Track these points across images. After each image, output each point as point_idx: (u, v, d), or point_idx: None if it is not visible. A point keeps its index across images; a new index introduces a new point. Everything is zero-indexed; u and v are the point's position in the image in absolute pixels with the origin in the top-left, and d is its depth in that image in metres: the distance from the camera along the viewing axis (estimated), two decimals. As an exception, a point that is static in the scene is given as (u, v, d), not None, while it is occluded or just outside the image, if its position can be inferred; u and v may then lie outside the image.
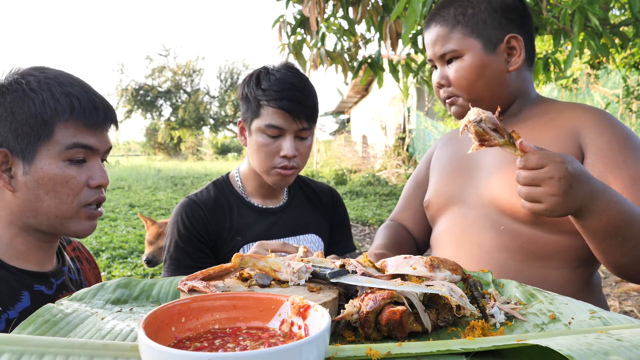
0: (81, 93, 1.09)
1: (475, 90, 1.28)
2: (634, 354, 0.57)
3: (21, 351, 0.60)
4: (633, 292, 4.09)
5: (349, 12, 3.13)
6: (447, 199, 1.37)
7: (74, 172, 1.08)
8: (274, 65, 1.54)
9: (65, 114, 1.05)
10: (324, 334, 0.54)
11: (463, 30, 1.28)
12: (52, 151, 1.06)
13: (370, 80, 14.91)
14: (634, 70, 5.24)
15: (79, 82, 1.13)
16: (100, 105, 1.11)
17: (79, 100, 1.07)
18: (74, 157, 1.07)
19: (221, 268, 0.84)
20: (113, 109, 1.16)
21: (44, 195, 1.07)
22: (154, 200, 10.10)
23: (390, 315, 0.69)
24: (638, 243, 1.03)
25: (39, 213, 1.08)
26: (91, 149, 1.10)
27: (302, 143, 1.51)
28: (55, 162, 1.06)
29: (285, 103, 1.43)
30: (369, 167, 14.69)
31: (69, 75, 1.13)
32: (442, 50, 1.30)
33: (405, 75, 3.31)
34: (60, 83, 1.08)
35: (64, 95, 1.06)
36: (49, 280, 1.13)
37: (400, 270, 0.84)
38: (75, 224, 1.11)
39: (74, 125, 1.07)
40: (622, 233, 1.02)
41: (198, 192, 1.59)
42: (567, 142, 1.22)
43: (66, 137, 1.06)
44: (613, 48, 2.74)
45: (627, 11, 3.20)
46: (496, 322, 0.76)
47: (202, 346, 0.59)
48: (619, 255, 1.05)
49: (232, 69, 35.72)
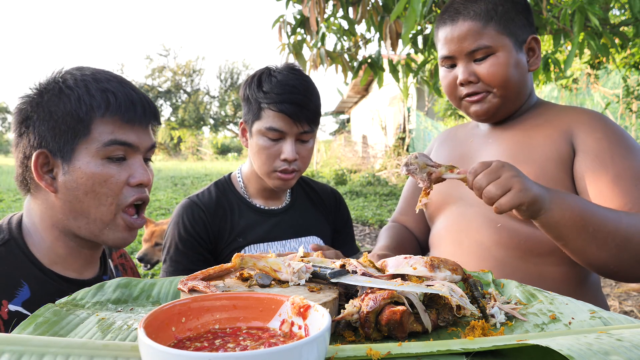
0: (118, 88, 1.06)
1: (507, 88, 1.27)
2: (634, 354, 0.57)
3: (21, 351, 0.60)
4: (633, 292, 4.09)
5: (349, 12, 3.13)
6: (446, 197, 1.38)
7: (114, 170, 1.04)
8: (277, 66, 1.53)
9: (101, 109, 1.02)
10: (324, 334, 0.54)
11: (496, 26, 1.26)
12: (90, 149, 1.03)
13: (370, 80, 14.91)
14: (634, 70, 5.24)
15: (118, 78, 1.10)
16: (138, 100, 1.07)
17: (115, 96, 1.04)
18: (113, 154, 1.04)
19: (221, 268, 0.84)
20: (154, 105, 1.13)
21: (83, 196, 1.03)
22: (154, 200, 10.10)
23: (390, 315, 0.69)
24: (609, 234, 1.03)
25: (79, 215, 1.05)
26: (130, 146, 1.06)
27: (304, 146, 1.50)
28: (94, 161, 1.03)
29: (286, 106, 1.42)
30: (369, 167, 14.69)
31: (107, 72, 1.10)
32: (474, 46, 1.26)
33: (405, 75, 3.31)
34: (97, 79, 1.06)
35: (99, 91, 1.04)
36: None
37: (400, 270, 0.84)
38: (112, 232, 1.08)
39: (112, 122, 1.04)
40: (588, 225, 1.02)
41: (199, 193, 1.58)
42: (560, 142, 1.23)
43: (104, 134, 1.03)
44: (613, 48, 2.74)
45: (627, 11, 3.20)
46: (496, 322, 0.76)
47: (202, 346, 0.59)
48: (595, 251, 1.04)
49: (232, 69, 35.74)
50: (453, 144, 1.50)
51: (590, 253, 1.05)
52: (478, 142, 1.41)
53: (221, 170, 18.38)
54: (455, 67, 1.32)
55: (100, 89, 1.04)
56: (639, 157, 1.17)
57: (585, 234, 1.03)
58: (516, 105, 1.33)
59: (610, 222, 1.04)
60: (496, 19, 1.26)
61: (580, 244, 1.04)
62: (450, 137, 1.54)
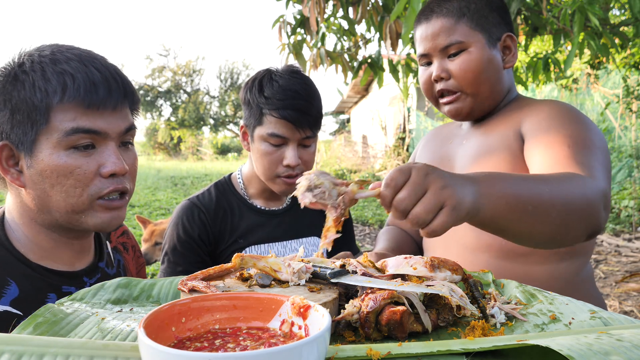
0: (78, 69, 0.94)
1: (479, 84, 1.28)
2: (634, 354, 0.57)
3: (21, 351, 0.60)
4: (633, 292, 4.09)
5: (349, 12, 3.13)
6: None
7: (80, 160, 0.95)
8: (278, 69, 1.51)
9: (57, 95, 0.92)
10: (324, 334, 0.54)
11: (469, 23, 1.27)
12: (51, 140, 0.93)
13: (370, 80, 14.90)
14: (634, 70, 5.23)
15: (81, 56, 0.98)
16: (102, 80, 0.96)
17: (73, 78, 0.93)
18: (78, 143, 0.95)
19: (221, 268, 0.84)
20: (126, 82, 1.01)
21: (49, 189, 0.96)
22: (154, 200, 10.10)
23: (390, 315, 0.69)
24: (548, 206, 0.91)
25: (50, 209, 0.98)
26: (98, 133, 0.96)
27: (306, 151, 1.49)
28: (56, 152, 0.94)
29: (289, 113, 1.41)
30: (369, 167, 14.68)
31: (70, 50, 0.99)
32: (446, 42, 1.27)
33: (405, 75, 3.31)
34: (55, 60, 0.95)
35: (55, 74, 0.93)
36: (81, 279, 1.05)
37: (400, 270, 0.84)
38: (91, 218, 0.99)
39: (72, 107, 0.94)
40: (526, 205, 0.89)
41: (199, 194, 1.58)
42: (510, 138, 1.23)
43: (64, 121, 0.93)
44: (613, 48, 2.74)
45: (627, 11, 3.20)
46: (496, 322, 0.76)
47: (202, 346, 0.59)
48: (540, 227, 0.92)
49: (232, 69, 35.72)
50: (435, 144, 1.50)
51: (536, 232, 0.94)
52: (456, 143, 1.41)
53: (221, 170, 18.38)
54: (431, 65, 1.33)
55: (56, 72, 0.93)
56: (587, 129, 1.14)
57: (526, 215, 0.90)
58: (491, 103, 1.32)
59: (545, 192, 0.92)
60: (469, 16, 1.27)
61: (524, 227, 0.91)
62: (434, 137, 1.55)
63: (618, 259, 5.04)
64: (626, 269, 4.70)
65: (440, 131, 1.56)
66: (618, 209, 6.41)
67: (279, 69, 1.52)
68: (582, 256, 1.27)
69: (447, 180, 0.79)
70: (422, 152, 1.54)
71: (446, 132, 1.51)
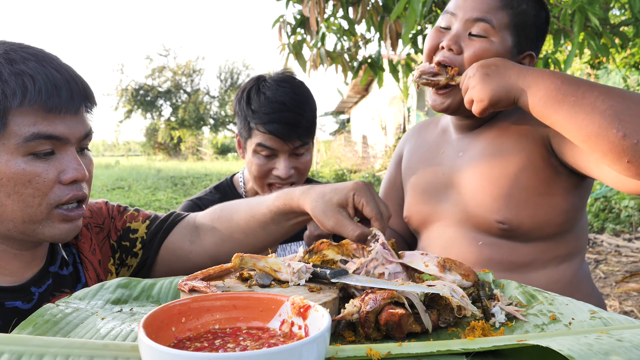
0: (37, 70, 0.88)
1: None
2: (635, 354, 0.57)
3: (21, 351, 0.60)
4: (633, 292, 4.09)
5: (349, 12, 3.13)
6: (425, 216, 1.36)
7: (40, 168, 0.89)
8: (270, 76, 1.48)
9: (17, 98, 0.86)
10: (325, 334, 0.54)
11: (509, 18, 1.20)
12: (9, 146, 0.87)
13: (370, 80, 14.90)
14: (634, 70, 5.23)
15: (37, 55, 0.91)
16: (64, 83, 0.90)
17: (34, 80, 0.87)
18: (38, 149, 0.89)
19: (221, 268, 0.84)
20: (84, 83, 0.96)
21: (5, 198, 0.89)
22: (154, 200, 10.10)
23: (389, 316, 0.69)
24: (596, 100, 0.94)
25: (4, 219, 0.91)
26: (59, 139, 0.90)
27: (299, 160, 1.47)
28: (14, 159, 0.88)
29: (275, 127, 1.39)
30: (369, 167, 14.68)
31: (25, 48, 0.92)
32: (479, 14, 1.18)
33: (405, 75, 3.31)
34: (11, 60, 0.88)
35: (13, 75, 0.87)
36: (28, 291, 0.97)
37: (413, 264, 0.86)
38: (48, 229, 0.93)
39: (32, 112, 0.87)
40: (570, 93, 0.96)
41: (201, 194, 1.58)
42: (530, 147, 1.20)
43: (23, 126, 0.87)
44: (613, 48, 2.74)
45: (627, 11, 3.20)
46: (495, 321, 0.76)
47: (202, 346, 0.59)
48: (587, 122, 0.95)
49: (232, 69, 35.74)
50: (421, 151, 1.44)
51: (583, 128, 0.96)
52: (449, 155, 1.35)
53: (221, 170, 18.38)
54: (448, 32, 1.22)
55: (14, 73, 0.87)
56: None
57: (565, 106, 0.97)
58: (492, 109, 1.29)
59: (597, 86, 0.97)
60: (514, 11, 1.20)
61: (566, 119, 0.98)
62: (417, 141, 1.48)
63: (618, 259, 5.04)
64: (626, 269, 4.70)
65: (419, 133, 1.49)
66: (618, 209, 6.41)
67: (270, 76, 1.49)
68: (578, 256, 1.27)
69: (483, 61, 1.12)
70: (410, 159, 1.47)
71: (431, 137, 1.44)
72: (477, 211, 1.23)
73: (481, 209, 1.22)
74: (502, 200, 1.20)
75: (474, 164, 1.27)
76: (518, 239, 1.22)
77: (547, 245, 1.22)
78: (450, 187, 1.31)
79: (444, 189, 1.32)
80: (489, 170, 1.23)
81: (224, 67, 35.94)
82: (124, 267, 1.16)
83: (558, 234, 1.23)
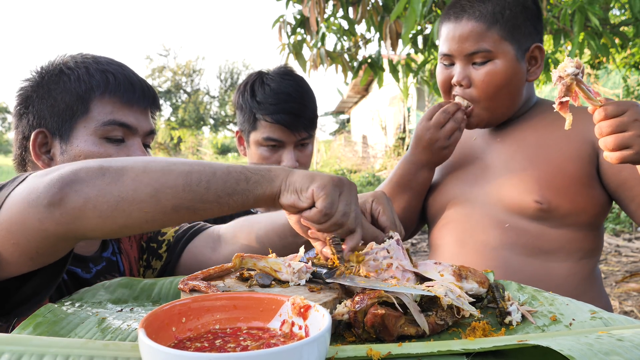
0: (117, 70, 1.07)
1: (498, 98, 1.25)
2: (635, 354, 0.57)
3: (21, 351, 0.60)
4: (633, 292, 4.09)
5: (349, 12, 3.13)
6: (452, 197, 1.36)
7: (111, 150, 1.03)
8: (270, 70, 1.49)
9: (100, 88, 1.03)
10: (325, 335, 0.54)
11: (500, 31, 1.22)
12: (89, 128, 1.02)
13: (370, 80, 14.90)
14: (634, 70, 5.24)
15: (118, 62, 1.11)
16: (138, 82, 1.08)
17: (115, 76, 1.05)
18: (111, 134, 1.03)
19: (222, 268, 0.84)
20: (154, 91, 1.12)
21: None
22: (154, 200, 10.08)
23: (372, 317, 0.68)
24: None
25: None
26: (129, 128, 1.05)
27: (303, 152, 1.48)
28: (92, 139, 1.02)
29: (282, 117, 1.39)
30: (369, 167, 14.68)
31: (108, 57, 1.12)
32: (473, 48, 1.22)
33: (405, 75, 3.31)
34: (97, 61, 1.07)
35: (99, 72, 1.04)
36: (87, 264, 1.08)
37: (427, 274, 0.85)
38: None
39: (110, 102, 1.04)
40: None
41: None
42: (578, 141, 1.22)
43: (102, 113, 1.03)
44: (613, 48, 2.74)
45: (627, 11, 3.20)
46: (512, 319, 0.76)
47: (202, 346, 0.59)
48: None
49: (232, 69, 35.72)
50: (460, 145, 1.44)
51: None
52: (483, 141, 1.38)
53: (221, 170, 18.30)
54: (453, 66, 1.28)
55: (100, 70, 1.05)
56: None
57: None
58: (507, 114, 1.31)
59: None
60: (501, 23, 1.22)
61: None
62: None
63: (618, 259, 5.04)
64: (626, 269, 4.70)
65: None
66: (618, 209, 6.41)
67: (270, 70, 1.50)
68: (597, 255, 1.28)
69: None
70: None
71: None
72: (512, 192, 1.23)
73: (518, 189, 1.23)
74: (544, 182, 1.21)
75: (515, 149, 1.29)
76: (550, 223, 1.21)
77: (576, 235, 1.22)
78: (484, 169, 1.32)
79: (475, 171, 1.34)
80: (533, 155, 1.26)
81: (224, 67, 35.92)
82: (149, 270, 1.21)
83: (589, 225, 1.24)
